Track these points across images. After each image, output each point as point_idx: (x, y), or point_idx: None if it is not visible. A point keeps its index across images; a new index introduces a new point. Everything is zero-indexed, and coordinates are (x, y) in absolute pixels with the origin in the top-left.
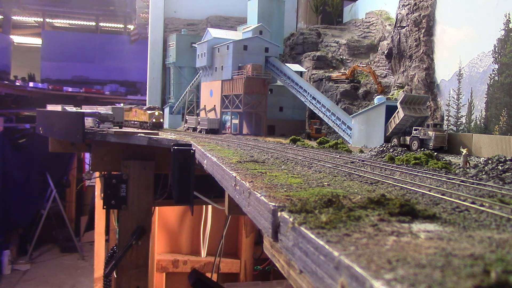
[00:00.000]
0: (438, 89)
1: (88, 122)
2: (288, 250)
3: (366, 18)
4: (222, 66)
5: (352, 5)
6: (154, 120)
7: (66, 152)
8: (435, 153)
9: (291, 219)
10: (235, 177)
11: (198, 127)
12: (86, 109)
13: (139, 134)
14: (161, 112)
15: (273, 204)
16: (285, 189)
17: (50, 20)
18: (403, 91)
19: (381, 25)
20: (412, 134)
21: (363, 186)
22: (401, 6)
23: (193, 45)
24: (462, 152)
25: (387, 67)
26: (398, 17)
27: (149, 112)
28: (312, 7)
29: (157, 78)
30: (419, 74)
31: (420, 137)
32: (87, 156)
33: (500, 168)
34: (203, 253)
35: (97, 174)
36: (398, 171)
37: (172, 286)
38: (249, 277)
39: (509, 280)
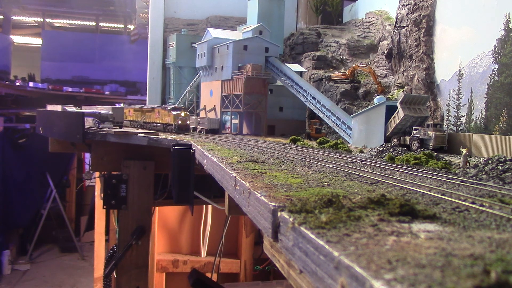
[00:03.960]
0: (438, 89)
1: (88, 122)
2: (288, 250)
3: (366, 18)
4: (222, 66)
5: (352, 5)
6: (180, 122)
7: (66, 152)
8: (435, 153)
9: (291, 219)
10: (235, 177)
11: (198, 127)
12: (86, 109)
13: (139, 134)
14: (187, 113)
15: (273, 204)
16: (285, 189)
17: (50, 20)
18: (403, 91)
19: (381, 25)
20: (412, 134)
21: (363, 186)
22: (401, 6)
23: (193, 45)
24: (462, 152)
25: (387, 67)
26: (398, 17)
27: (174, 113)
28: (312, 7)
29: (157, 78)
30: (419, 74)
31: (420, 137)
32: (87, 156)
33: (500, 168)
34: (203, 253)
35: (97, 174)
36: (398, 171)
37: (172, 286)
38: (249, 277)
39: (509, 280)
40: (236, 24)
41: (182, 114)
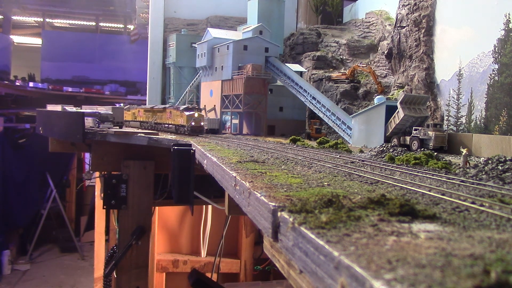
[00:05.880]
0: (438, 89)
1: (88, 122)
2: (288, 250)
3: (366, 18)
4: (222, 66)
5: (352, 5)
6: (193, 123)
7: (66, 152)
8: (435, 153)
9: (291, 219)
10: (235, 177)
11: None
12: (86, 109)
13: (139, 134)
14: (201, 114)
15: (273, 204)
16: (285, 189)
17: (50, 20)
18: (403, 91)
19: (381, 25)
20: (412, 134)
21: (363, 186)
22: (401, 6)
23: (193, 45)
24: (462, 152)
25: (387, 67)
26: (398, 17)
27: (187, 113)
28: (312, 7)
29: (157, 78)
30: (419, 74)
31: (420, 137)
32: (87, 156)
33: (500, 168)
34: (203, 253)
35: (97, 174)
36: (398, 171)
37: (172, 286)
38: (249, 277)
39: (509, 280)
40: (236, 24)
41: (196, 114)
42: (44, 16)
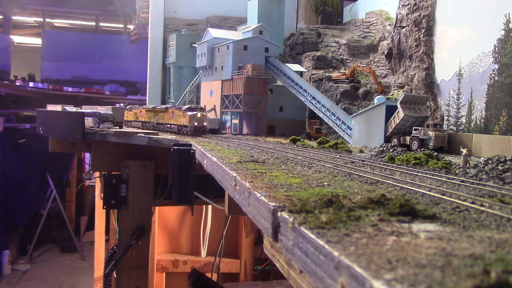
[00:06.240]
0: (438, 89)
1: (88, 122)
2: (288, 250)
3: (366, 18)
4: (222, 66)
5: (352, 5)
6: (196, 123)
7: (66, 152)
8: (435, 153)
9: (291, 219)
10: (235, 177)
11: None
12: (86, 109)
13: (139, 134)
14: (204, 114)
15: (273, 204)
16: (285, 189)
17: (50, 20)
18: (403, 91)
19: (381, 25)
20: (412, 134)
21: (363, 186)
22: (401, 6)
23: (193, 45)
24: (462, 152)
25: (387, 67)
26: (398, 17)
27: (189, 113)
28: (312, 7)
29: (157, 78)
30: (419, 74)
31: (420, 137)
32: (87, 156)
33: (500, 168)
34: (203, 253)
35: (97, 174)
36: (398, 171)
37: (172, 286)
38: (249, 277)
39: (509, 280)
40: (236, 24)
41: (199, 114)
42: (44, 16)
